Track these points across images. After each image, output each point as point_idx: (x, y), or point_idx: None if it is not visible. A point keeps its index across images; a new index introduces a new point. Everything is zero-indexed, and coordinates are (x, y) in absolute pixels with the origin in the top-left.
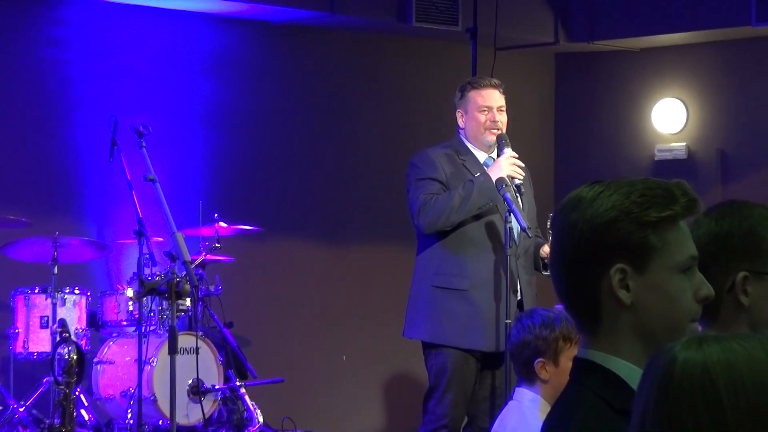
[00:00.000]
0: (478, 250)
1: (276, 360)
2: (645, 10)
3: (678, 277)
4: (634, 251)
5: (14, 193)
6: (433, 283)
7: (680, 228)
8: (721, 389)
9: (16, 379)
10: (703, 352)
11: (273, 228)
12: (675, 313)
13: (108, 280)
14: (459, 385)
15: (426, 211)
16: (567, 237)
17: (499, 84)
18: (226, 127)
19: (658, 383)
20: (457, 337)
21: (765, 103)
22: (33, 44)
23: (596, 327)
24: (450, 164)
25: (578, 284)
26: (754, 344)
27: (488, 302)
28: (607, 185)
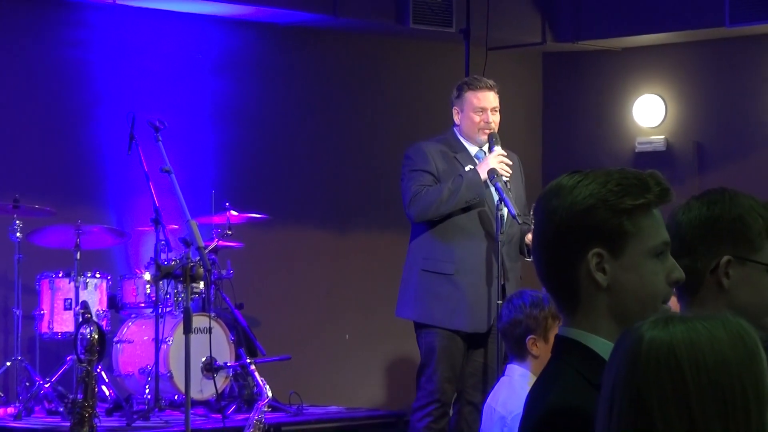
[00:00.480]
0: (466, 238)
1: (283, 339)
2: (626, 13)
3: (651, 261)
4: (610, 236)
5: (39, 183)
6: (423, 267)
7: (653, 215)
8: (685, 366)
9: (42, 358)
10: (668, 332)
11: (280, 216)
12: (648, 294)
13: (127, 264)
14: (447, 363)
15: (417, 202)
16: (548, 223)
17: (494, 85)
18: (236, 122)
19: (626, 359)
20: (444, 319)
21: (738, 99)
22: (56, 45)
23: (575, 307)
24: (442, 157)
25: (558, 267)
26: (716, 325)
27: (474, 286)
28: (585, 175)
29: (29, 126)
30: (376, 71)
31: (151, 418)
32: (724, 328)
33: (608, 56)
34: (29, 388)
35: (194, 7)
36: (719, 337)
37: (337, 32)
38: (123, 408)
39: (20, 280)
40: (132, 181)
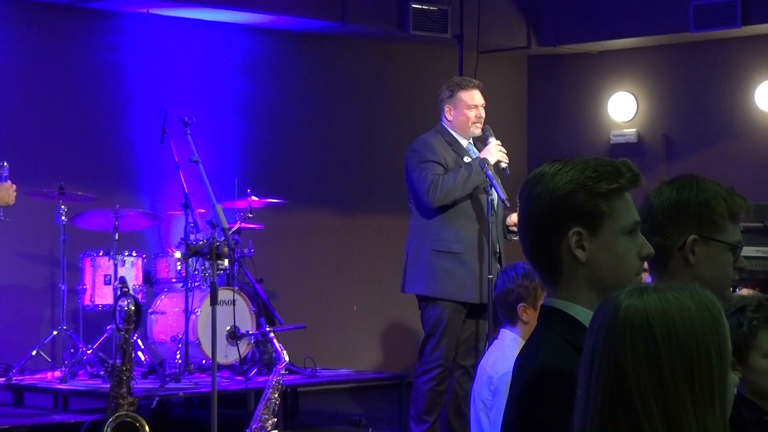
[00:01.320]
0: (469, 221)
1: (299, 310)
2: (602, 19)
3: (624, 239)
4: (588, 217)
5: (81, 173)
6: (433, 247)
7: (626, 198)
8: (657, 332)
9: (85, 327)
10: (643, 300)
11: (296, 201)
12: (622, 268)
13: (159, 244)
14: (452, 333)
15: (435, 189)
16: (532, 206)
17: (480, 84)
18: (257, 117)
19: (605, 325)
20: (455, 292)
21: (702, 96)
22: (97, 51)
23: (558, 280)
24: (445, 149)
25: (542, 245)
26: (685, 295)
27: (476, 263)
28: (565, 163)
29: (73, 122)
30: (379, 72)
31: (181, 380)
32: (692, 297)
33: (586, 58)
34: (74, 355)
35: (219, 15)
36: (688, 306)
37: (345, 38)
38: (157, 371)
39: (65, 258)
40: (164, 170)
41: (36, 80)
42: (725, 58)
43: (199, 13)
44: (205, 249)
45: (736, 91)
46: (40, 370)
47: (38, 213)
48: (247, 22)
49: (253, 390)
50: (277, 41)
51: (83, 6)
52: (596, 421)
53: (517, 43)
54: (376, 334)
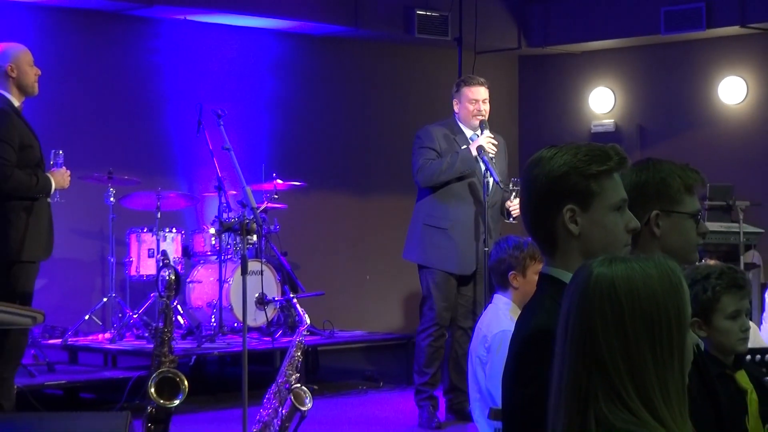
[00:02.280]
0: (458, 202)
1: (318, 279)
2: (584, 24)
3: (613, 214)
4: (580, 195)
5: (128, 159)
6: (425, 222)
7: (614, 178)
8: (622, 297)
9: (131, 295)
10: (611, 269)
11: (315, 183)
12: (611, 240)
13: (196, 222)
14: (443, 296)
15: (422, 172)
16: (531, 186)
17: (484, 82)
18: (282, 110)
19: (578, 290)
20: (439, 262)
21: (672, 91)
22: (140, 52)
23: (554, 251)
24: (444, 138)
25: (541, 220)
26: (649, 264)
27: (464, 238)
28: (560, 148)
29: (120, 115)
30: (388, 71)
31: (216, 341)
32: (655, 267)
33: (570, 58)
34: (121, 319)
35: (248, 21)
36: (651, 274)
37: (358, 41)
38: (194, 333)
39: (113, 234)
40: (200, 157)
41: (87, 79)
42: (692, 57)
43: (230, 19)
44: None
45: (702, 86)
46: (92, 332)
47: (90, 195)
48: (273, 27)
49: (279, 349)
50: (299, 44)
51: (128, 14)
52: (571, 375)
53: (509, 45)
54: (387, 299)
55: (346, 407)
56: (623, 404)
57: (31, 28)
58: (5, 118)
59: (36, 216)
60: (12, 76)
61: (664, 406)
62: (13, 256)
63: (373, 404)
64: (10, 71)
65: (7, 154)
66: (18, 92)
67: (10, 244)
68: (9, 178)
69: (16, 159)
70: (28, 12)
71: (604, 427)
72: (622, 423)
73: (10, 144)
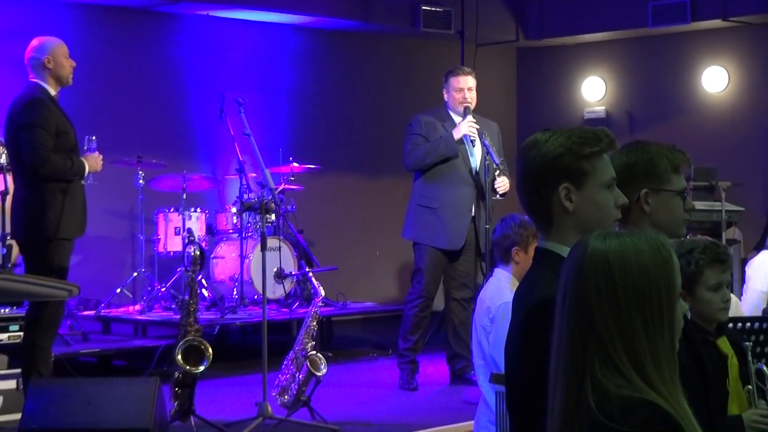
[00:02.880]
0: (446, 182)
1: (332, 254)
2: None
3: (604, 192)
4: (574, 175)
5: (156, 145)
6: (418, 203)
7: (604, 158)
8: (615, 271)
9: (159, 270)
10: (605, 244)
11: (329, 166)
12: (602, 215)
13: (219, 202)
14: (432, 270)
15: (409, 156)
16: (528, 167)
17: (470, 71)
18: (297, 98)
19: (574, 264)
20: (429, 239)
21: (659, 80)
22: (167, 45)
23: (550, 227)
24: (431, 125)
25: (537, 198)
26: (641, 239)
27: (452, 216)
28: (554, 131)
29: (148, 104)
30: (396, 62)
31: (237, 312)
32: (646, 242)
33: (564, 50)
34: (150, 292)
35: (266, 16)
36: (642, 249)
37: (368, 34)
38: (218, 305)
39: (143, 214)
40: (222, 142)
41: (118, 70)
42: (677, 48)
43: (249, 14)
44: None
45: (687, 75)
46: (124, 304)
47: (121, 177)
48: (290, 22)
49: (296, 320)
50: (313, 37)
51: (155, 10)
52: (569, 344)
53: (508, 38)
54: (395, 273)
55: (358, 372)
56: (617, 371)
57: (68, 24)
58: (42, 106)
59: (71, 197)
60: (49, 67)
61: (655, 371)
62: (51, 234)
63: (382, 370)
64: (47, 63)
65: (44, 140)
66: (54, 82)
67: (47, 224)
68: (46, 162)
69: (52, 144)
70: (66, 9)
71: (599, 392)
72: (616, 388)
73: (47, 130)
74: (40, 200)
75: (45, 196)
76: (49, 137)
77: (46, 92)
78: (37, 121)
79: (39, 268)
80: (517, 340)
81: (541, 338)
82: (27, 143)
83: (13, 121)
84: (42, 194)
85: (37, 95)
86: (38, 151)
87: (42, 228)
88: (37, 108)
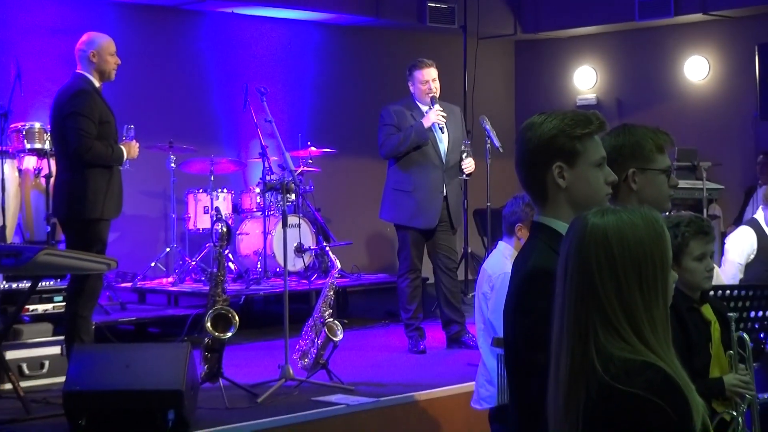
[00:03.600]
0: (418, 168)
1: (347, 230)
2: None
3: (594, 170)
4: (567, 154)
5: (185, 131)
6: (393, 186)
7: (595, 139)
8: (613, 244)
9: (190, 245)
10: (604, 219)
11: (344, 150)
12: (593, 192)
13: (244, 183)
14: (414, 247)
15: (383, 146)
16: (525, 147)
17: (432, 63)
18: (316, 88)
19: (576, 238)
20: (406, 220)
21: (645, 69)
22: (194, 40)
23: (545, 202)
24: (401, 114)
25: (533, 176)
26: (637, 215)
27: (425, 198)
28: (548, 114)
29: (179, 94)
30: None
31: (261, 283)
32: (641, 217)
33: (558, 42)
34: (182, 265)
35: (287, 13)
36: (638, 224)
37: (379, 29)
38: (243, 277)
39: (174, 194)
40: (246, 128)
41: (152, 64)
42: (662, 40)
43: (270, 11)
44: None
45: (671, 65)
46: (158, 276)
47: (154, 161)
48: (307, 19)
49: (314, 290)
50: (329, 32)
51: (185, 8)
52: (572, 312)
53: (507, 31)
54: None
55: (371, 337)
56: (618, 335)
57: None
58: (88, 97)
59: (111, 181)
60: (93, 61)
61: (652, 335)
62: (92, 215)
63: (393, 335)
64: (92, 57)
65: (88, 128)
66: (98, 75)
67: (89, 205)
68: (90, 149)
69: (96, 132)
70: (106, 7)
71: (604, 355)
72: (618, 351)
73: (92, 119)
74: (83, 183)
75: (87, 179)
76: (93, 126)
77: (91, 83)
78: (83, 110)
79: (80, 244)
80: (513, 305)
81: (534, 304)
82: (73, 131)
83: (60, 110)
84: (85, 178)
85: (84, 86)
86: (83, 138)
87: (84, 209)
88: (83, 98)
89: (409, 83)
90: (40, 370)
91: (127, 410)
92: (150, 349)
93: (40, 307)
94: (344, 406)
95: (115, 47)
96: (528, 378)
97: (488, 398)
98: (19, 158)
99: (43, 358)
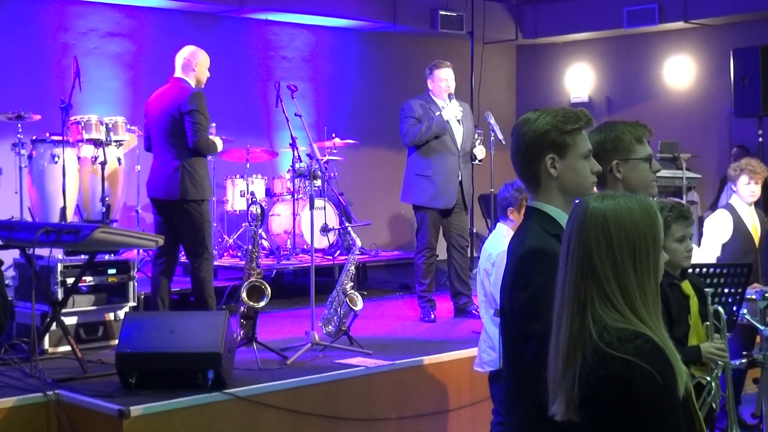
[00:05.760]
0: (437, 154)
1: (366, 211)
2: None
3: (582, 161)
4: (558, 147)
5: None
6: (415, 172)
7: (583, 134)
8: (611, 226)
9: (228, 225)
10: (603, 204)
11: (365, 141)
12: (581, 181)
13: (276, 170)
14: (432, 226)
15: (407, 134)
16: (521, 140)
17: (450, 64)
18: (339, 86)
19: (578, 220)
20: (427, 201)
21: (633, 71)
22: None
23: (538, 189)
24: (421, 108)
25: (528, 166)
26: (632, 201)
27: (443, 182)
28: (542, 111)
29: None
30: (417, 57)
31: (290, 259)
32: (637, 203)
33: (555, 46)
34: (221, 242)
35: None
36: (633, 208)
37: (395, 34)
38: (275, 253)
39: (214, 179)
40: (277, 122)
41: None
42: (647, 45)
43: (300, 18)
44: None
45: (655, 67)
46: None
47: None
48: (333, 25)
49: (337, 265)
50: (351, 37)
51: (224, 15)
52: (573, 285)
53: (509, 37)
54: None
55: (388, 307)
56: (613, 307)
57: (157, 27)
58: (202, 97)
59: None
60: (195, 70)
61: (643, 308)
62: (206, 195)
63: (407, 306)
64: (195, 67)
65: (205, 124)
66: (194, 82)
67: (200, 188)
68: (207, 141)
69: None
70: (156, 14)
71: (599, 325)
72: (612, 321)
73: (206, 116)
74: (197, 169)
75: (198, 166)
76: (207, 122)
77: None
78: (201, 108)
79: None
80: (511, 281)
81: (530, 279)
82: (194, 125)
83: (177, 107)
84: (196, 165)
85: (196, 89)
86: (201, 132)
87: (198, 190)
88: (200, 98)
89: (428, 80)
90: (95, 334)
91: (171, 370)
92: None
93: (96, 279)
94: (363, 368)
95: (209, 62)
96: (524, 345)
97: (490, 362)
98: (78, 147)
99: (98, 324)
